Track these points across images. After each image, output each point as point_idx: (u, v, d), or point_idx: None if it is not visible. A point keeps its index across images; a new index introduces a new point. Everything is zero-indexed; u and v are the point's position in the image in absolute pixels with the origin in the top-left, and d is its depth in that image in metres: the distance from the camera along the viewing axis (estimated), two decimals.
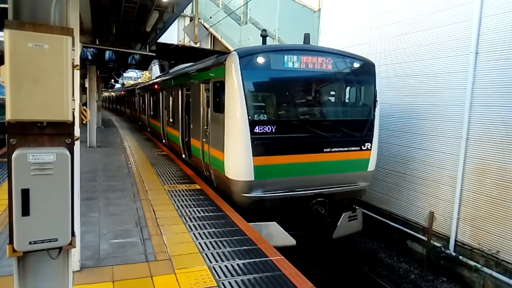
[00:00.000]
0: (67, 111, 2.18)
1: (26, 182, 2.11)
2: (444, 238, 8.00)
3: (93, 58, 9.81)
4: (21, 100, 2.07)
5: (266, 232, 6.33)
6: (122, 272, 3.96)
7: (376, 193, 9.86)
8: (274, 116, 6.71)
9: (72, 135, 2.30)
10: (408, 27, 8.99)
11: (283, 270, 4.10)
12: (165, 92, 12.89)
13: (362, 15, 10.65)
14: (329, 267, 7.82)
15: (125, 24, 9.86)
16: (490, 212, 7.10)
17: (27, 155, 2.10)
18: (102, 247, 4.56)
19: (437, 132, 8.22)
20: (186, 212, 5.96)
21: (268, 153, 6.41)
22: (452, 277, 7.64)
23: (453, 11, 7.85)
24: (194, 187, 7.58)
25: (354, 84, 7.56)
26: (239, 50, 6.62)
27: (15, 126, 2.12)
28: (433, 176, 8.33)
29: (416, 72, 8.74)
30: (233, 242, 4.84)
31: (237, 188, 6.46)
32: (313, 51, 6.96)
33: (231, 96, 6.37)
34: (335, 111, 7.60)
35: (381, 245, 9.34)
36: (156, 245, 4.66)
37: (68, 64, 2.16)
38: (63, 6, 2.23)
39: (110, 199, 6.64)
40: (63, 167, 2.19)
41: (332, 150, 6.91)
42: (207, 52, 15.28)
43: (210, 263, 4.21)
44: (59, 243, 2.23)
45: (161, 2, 7.76)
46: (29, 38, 2.06)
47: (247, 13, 19.04)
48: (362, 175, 7.39)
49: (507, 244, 6.80)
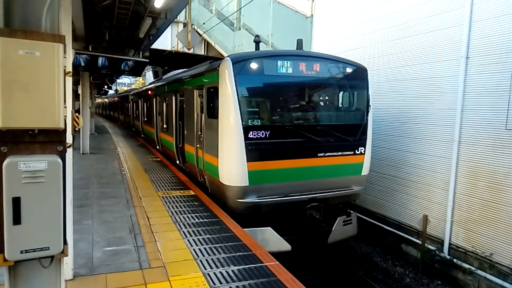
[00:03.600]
0: (58, 119, 2.17)
1: (18, 191, 2.09)
2: (438, 241, 8.04)
3: (86, 65, 9.77)
4: (12, 108, 2.06)
5: (261, 238, 6.31)
6: (115, 280, 3.92)
7: (370, 197, 9.90)
8: (268, 122, 6.73)
9: (64, 142, 2.29)
10: (400, 32, 9.09)
11: (278, 276, 4.09)
12: (159, 98, 12.87)
13: (354, 21, 10.76)
14: (324, 272, 7.81)
15: (118, 30, 9.87)
16: (483, 214, 7.16)
17: (19, 163, 2.09)
18: (95, 255, 4.52)
19: (429, 135, 8.29)
20: (180, 219, 5.93)
21: (262, 159, 6.41)
22: (447, 280, 7.67)
23: (444, 16, 7.96)
24: (188, 193, 7.54)
25: (347, 89, 7.62)
26: (233, 56, 6.64)
27: (6, 134, 2.11)
28: (426, 180, 8.38)
29: (409, 76, 8.83)
30: (228, 248, 4.82)
31: (231, 193, 6.45)
32: (306, 57, 7.02)
33: (225, 101, 6.38)
34: (329, 116, 7.64)
35: (376, 249, 9.36)
36: (150, 252, 4.62)
37: (60, 72, 2.16)
38: (55, 13, 2.23)
39: (103, 206, 6.59)
40: (55, 174, 2.18)
41: (326, 154, 6.94)
42: (201, 58, 15.29)
43: (204, 270, 4.18)
44: (51, 251, 2.21)
45: (154, 9, 7.79)
46: (20, 46, 2.05)
47: (241, 19, 19.12)
48: (356, 179, 7.42)
49: (500, 246, 6.85)
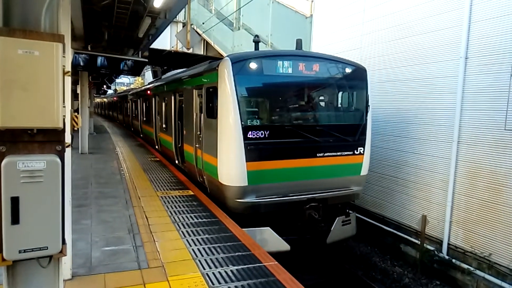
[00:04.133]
0: (57, 118, 2.17)
1: (16, 190, 2.09)
2: (437, 241, 8.05)
3: (85, 64, 9.75)
4: (11, 107, 2.06)
5: (260, 238, 6.31)
6: (114, 280, 3.91)
7: (369, 197, 9.90)
8: (267, 122, 6.72)
9: (63, 142, 2.28)
10: (399, 32, 9.10)
11: (277, 276, 4.08)
12: (158, 98, 12.86)
13: (353, 21, 10.76)
14: (323, 272, 7.81)
15: (117, 30, 9.85)
16: (482, 215, 7.17)
17: (17, 162, 2.09)
18: (94, 255, 4.51)
19: (428, 136, 8.30)
20: (179, 219, 5.93)
21: (262, 159, 6.41)
22: (446, 280, 7.68)
23: (443, 16, 7.97)
24: (187, 193, 7.54)
25: (346, 89, 7.62)
26: (232, 56, 6.63)
27: (4, 134, 2.11)
28: (425, 180, 8.39)
29: (408, 77, 8.84)
30: (226, 248, 4.81)
31: (230, 193, 6.44)
32: (306, 57, 7.01)
33: (224, 101, 6.37)
34: (328, 116, 7.64)
35: (374, 249, 9.36)
36: (149, 252, 4.62)
37: (59, 71, 2.15)
38: (54, 13, 2.23)
39: (102, 206, 6.58)
40: (53, 174, 2.17)
41: (325, 154, 6.94)
42: (200, 58, 15.29)
43: (203, 270, 4.18)
44: (49, 251, 2.21)
45: (153, 8, 7.77)
46: (19, 45, 2.05)
47: (240, 19, 19.12)
48: (355, 180, 7.42)
49: (499, 246, 6.86)
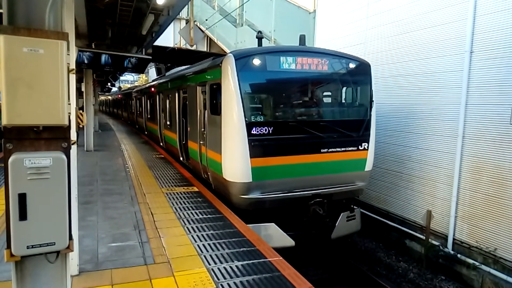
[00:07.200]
0: (63, 115, 2.19)
1: (23, 187, 2.11)
2: (442, 236, 8.03)
3: (89, 62, 9.79)
4: (17, 105, 2.08)
5: (265, 233, 6.33)
6: (121, 275, 3.95)
7: (374, 192, 9.88)
8: (271, 118, 6.72)
9: (69, 139, 2.31)
10: (403, 27, 9.03)
11: (282, 271, 4.11)
12: (162, 95, 12.89)
13: (357, 16, 10.69)
14: (328, 267, 7.83)
15: (121, 28, 9.86)
16: (487, 210, 7.14)
17: (24, 159, 2.11)
18: (100, 251, 4.55)
19: (433, 131, 8.26)
20: (184, 215, 5.96)
21: (266, 155, 6.42)
22: (451, 275, 7.66)
23: (448, 10, 7.89)
24: (192, 190, 7.57)
25: (350, 84, 7.59)
26: (235, 52, 6.63)
27: (11, 131, 2.13)
28: (430, 175, 8.36)
29: (412, 71, 8.78)
30: (231, 244, 4.84)
31: (235, 190, 6.47)
32: (309, 52, 6.99)
33: (227, 98, 6.38)
34: (332, 111, 7.62)
35: (379, 245, 9.36)
36: (154, 248, 4.66)
37: (64, 69, 2.17)
38: (58, 11, 2.24)
39: (108, 202, 6.63)
40: (59, 171, 2.20)
41: (329, 150, 6.93)
42: (204, 54, 15.31)
43: (209, 265, 4.21)
44: (56, 247, 2.24)
45: (156, 5, 7.77)
46: (24, 43, 2.07)
47: (243, 15, 19.03)
48: (360, 175, 7.41)
49: (504, 241, 6.83)
